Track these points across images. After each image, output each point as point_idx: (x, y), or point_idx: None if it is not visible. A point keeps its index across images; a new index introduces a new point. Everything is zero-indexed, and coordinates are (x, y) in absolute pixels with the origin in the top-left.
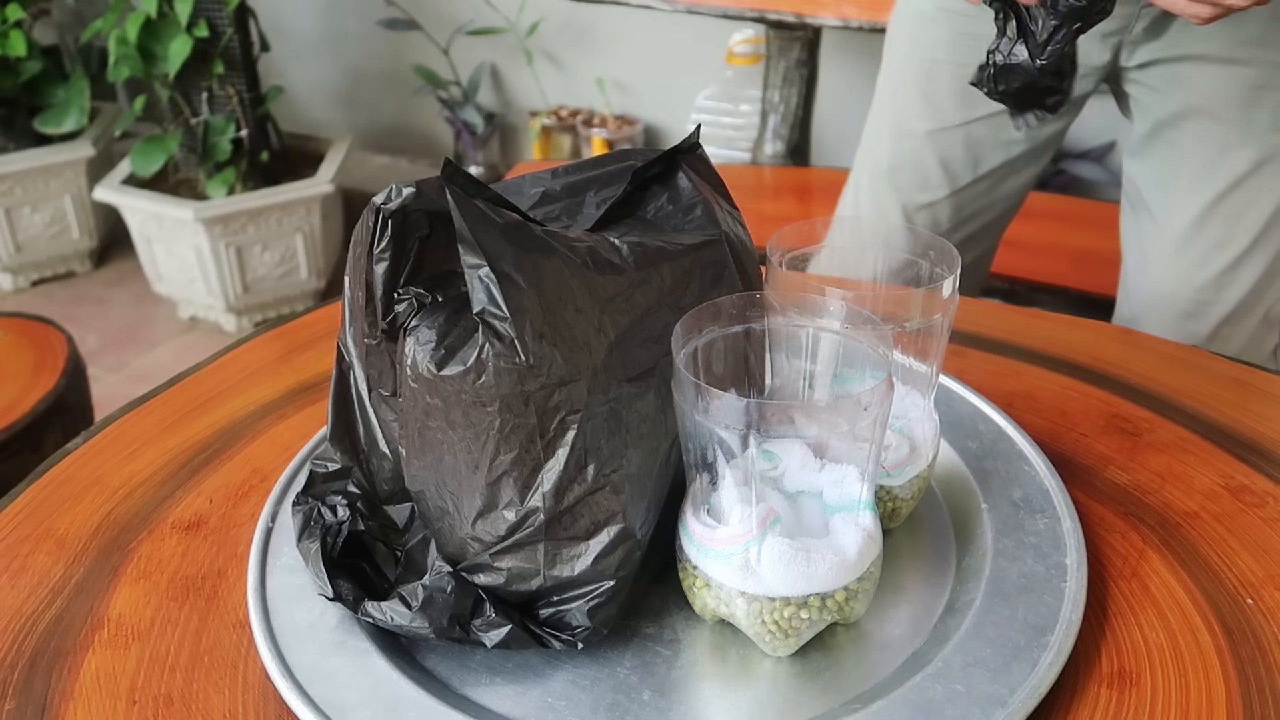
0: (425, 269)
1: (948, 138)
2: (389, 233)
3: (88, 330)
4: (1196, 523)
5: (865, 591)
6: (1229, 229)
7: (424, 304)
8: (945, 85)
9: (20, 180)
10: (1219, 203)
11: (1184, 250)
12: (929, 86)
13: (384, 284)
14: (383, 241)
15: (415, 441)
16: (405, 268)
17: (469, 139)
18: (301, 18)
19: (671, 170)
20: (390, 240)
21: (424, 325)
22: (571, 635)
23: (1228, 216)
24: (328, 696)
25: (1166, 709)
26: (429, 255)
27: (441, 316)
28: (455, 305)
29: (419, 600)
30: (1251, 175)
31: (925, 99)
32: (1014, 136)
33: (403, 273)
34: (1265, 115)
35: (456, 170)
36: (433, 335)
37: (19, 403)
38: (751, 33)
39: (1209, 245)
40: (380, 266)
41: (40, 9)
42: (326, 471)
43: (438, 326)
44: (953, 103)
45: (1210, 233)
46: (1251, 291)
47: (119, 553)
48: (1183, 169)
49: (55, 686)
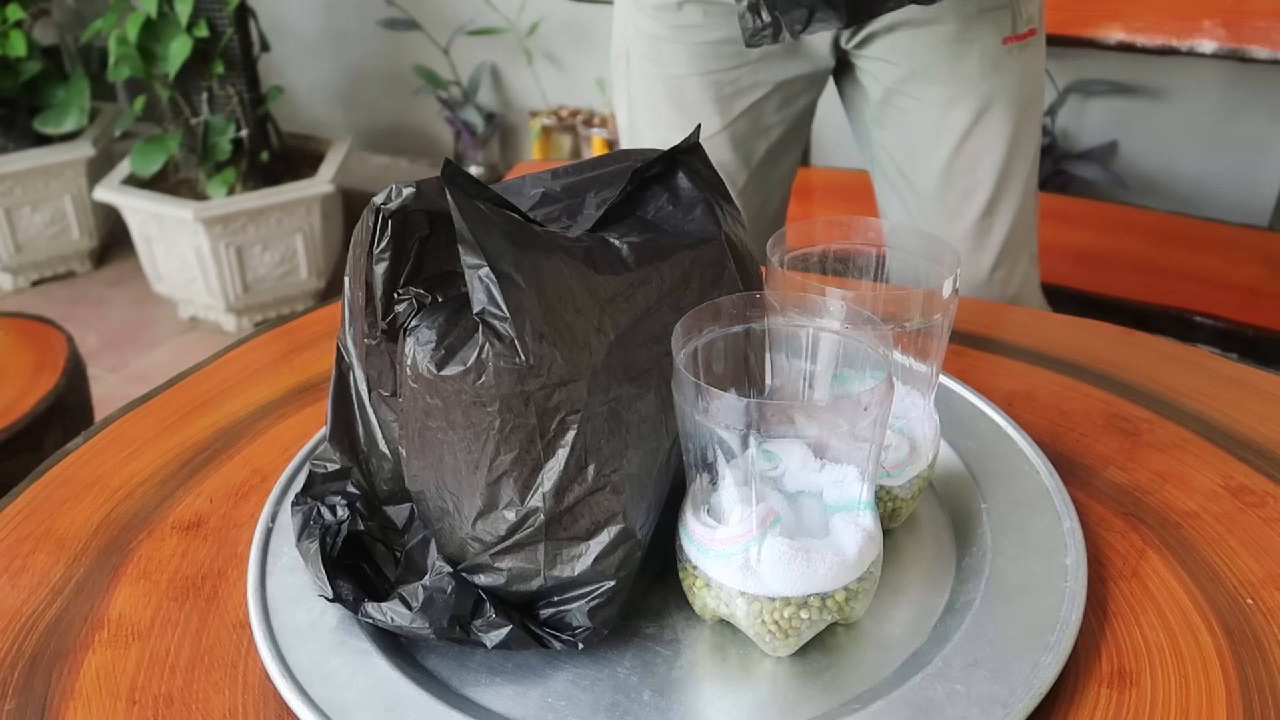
0: (425, 269)
1: (715, 144)
2: (389, 233)
3: (88, 330)
4: (1196, 523)
5: (865, 591)
6: (972, 176)
7: (424, 304)
8: (696, 96)
9: (20, 180)
10: (956, 155)
11: (939, 204)
12: (682, 102)
13: (384, 284)
14: (383, 241)
15: (415, 442)
16: (405, 268)
17: (469, 139)
18: (301, 18)
19: (671, 170)
20: (390, 240)
21: (424, 325)
22: (572, 635)
23: (967, 166)
24: (328, 696)
25: (1166, 709)
26: (429, 255)
27: (441, 316)
28: (455, 305)
29: (419, 601)
30: (977, 124)
31: (681, 114)
32: (771, 121)
33: (403, 273)
34: (973, 65)
35: (456, 170)
36: (433, 335)
37: (19, 403)
38: None
39: (959, 195)
40: (380, 266)
41: (40, 9)
42: (326, 472)
43: (438, 326)
44: (709, 110)
45: (957, 184)
46: (1012, 230)
47: (119, 553)
48: (917, 130)
49: (55, 686)
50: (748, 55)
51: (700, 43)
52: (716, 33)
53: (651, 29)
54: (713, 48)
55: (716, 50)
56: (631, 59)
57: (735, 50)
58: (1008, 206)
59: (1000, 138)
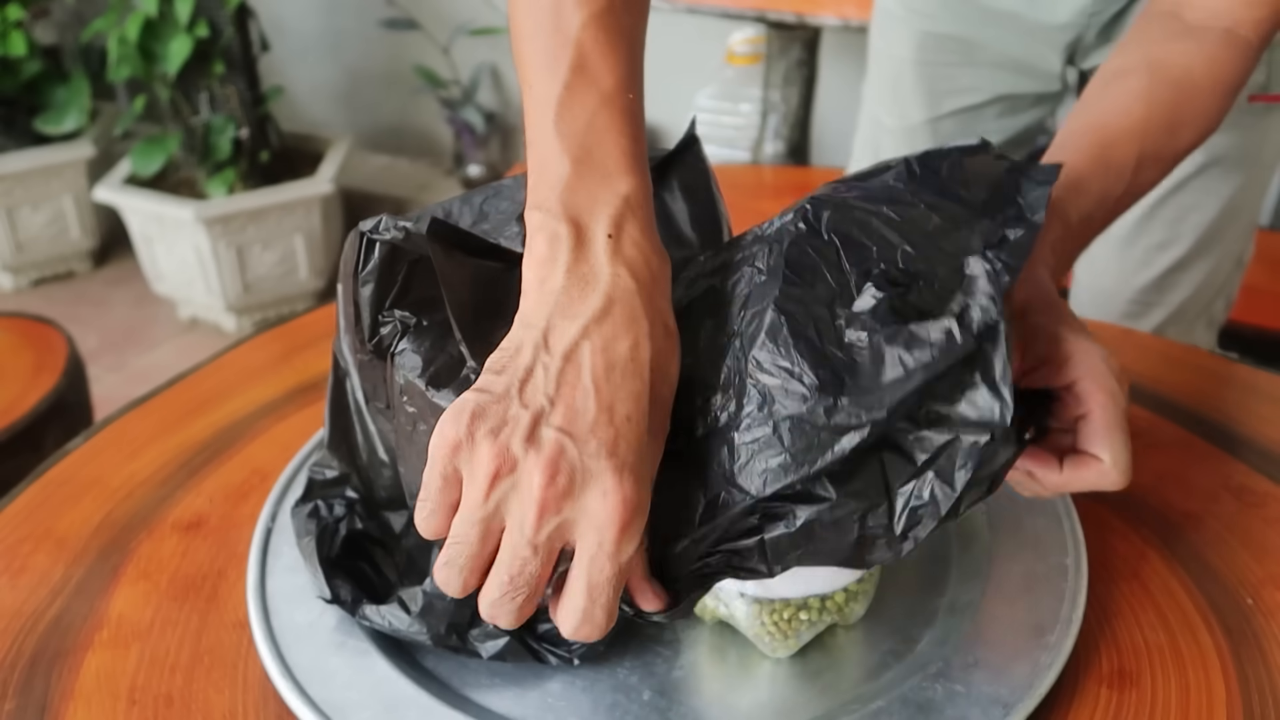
0: (413, 291)
1: (917, 134)
2: (375, 257)
3: (88, 330)
4: (1196, 523)
5: (865, 592)
6: (1172, 230)
7: (410, 327)
8: (910, 83)
9: (20, 180)
10: (1162, 204)
11: (1127, 250)
12: (897, 84)
13: (370, 306)
14: (368, 265)
15: (411, 461)
16: (392, 291)
17: (469, 139)
18: (301, 18)
19: (666, 173)
20: (376, 264)
21: (410, 349)
22: (568, 651)
23: (1171, 218)
24: (328, 696)
25: (1166, 709)
26: (417, 279)
27: (427, 342)
28: (441, 330)
29: (418, 606)
30: (1195, 177)
31: (895, 96)
32: (986, 129)
33: (389, 295)
34: None
35: (442, 225)
36: (418, 362)
37: (19, 403)
38: (751, 32)
39: (1152, 246)
40: (366, 289)
41: (40, 9)
42: (324, 479)
43: (423, 351)
44: (917, 100)
45: (1154, 234)
46: (1194, 294)
47: (119, 553)
48: None
49: (55, 686)
50: (972, 56)
51: (927, 32)
52: (945, 26)
53: (889, 5)
54: (937, 40)
55: (941, 43)
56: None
57: (960, 47)
58: (1199, 270)
59: (1216, 198)
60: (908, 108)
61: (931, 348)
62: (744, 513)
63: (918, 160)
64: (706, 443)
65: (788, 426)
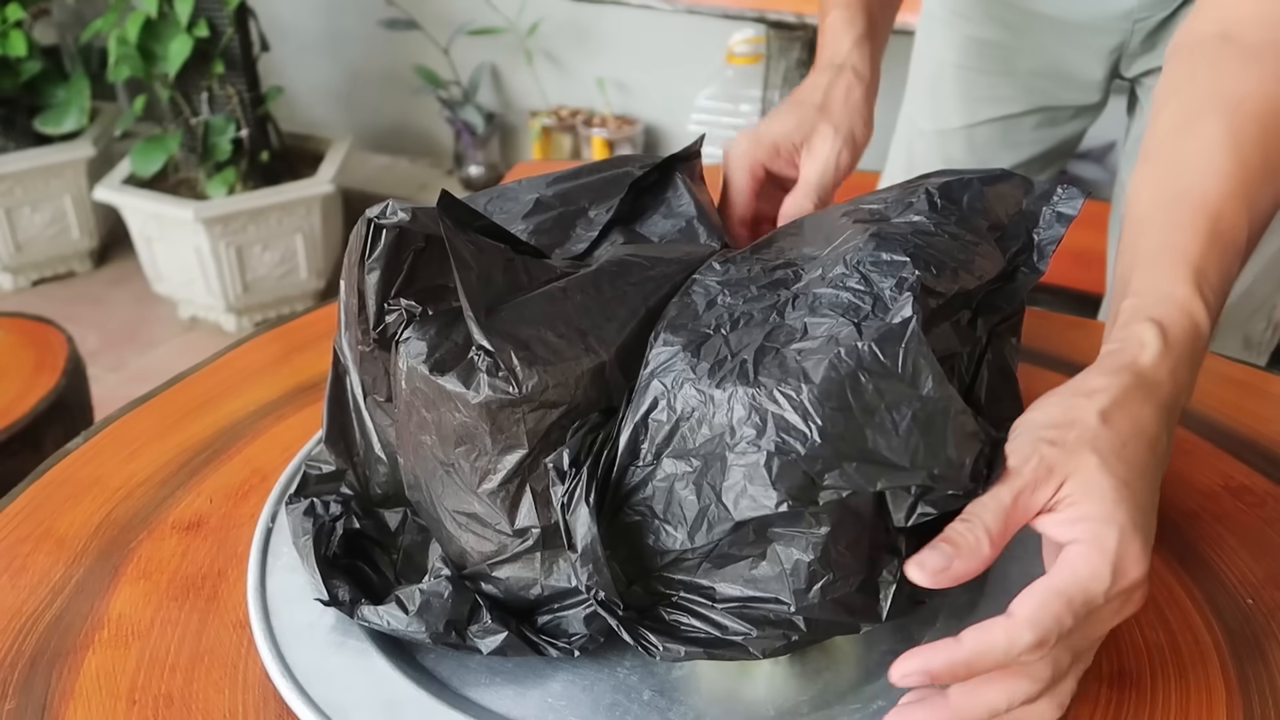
0: (418, 281)
1: (952, 139)
2: (381, 244)
3: (88, 330)
4: (1196, 523)
5: None
6: None
7: (415, 315)
8: (949, 88)
9: (20, 180)
10: None
11: None
12: (936, 87)
13: (375, 294)
14: (374, 252)
15: (410, 453)
16: (398, 279)
17: (469, 139)
18: (301, 18)
19: (667, 179)
20: (382, 251)
21: (415, 338)
22: (568, 643)
23: None
24: (328, 696)
25: (1166, 709)
26: (422, 268)
27: (433, 329)
28: (447, 319)
29: (416, 604)
30: None
31: (933, 99)
32: (1022, 139)
33: (395, 284)
34: None
35: (453, 201)
36: (423, 348)
37: (19, 403)
38: (751, 33)
39: None
40: (372, 276)
41: (40, 9)
42: (320, 474)
43: (429, 339)
44: (954, 105)
45: None
46: (1232, 310)
47: (119, 553)
48: None
49: (55, 686)
50: (1012, 64)
51: (969, 36)
52: (987, 31)
53: (933, 9)
54: (979, 45)
55: (981, 49)
56: (917, 32)
57: (1001, 54)
58: (1237, 284)
59: None
60: (944, 112)
61: None
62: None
63: (939, 191)
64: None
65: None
